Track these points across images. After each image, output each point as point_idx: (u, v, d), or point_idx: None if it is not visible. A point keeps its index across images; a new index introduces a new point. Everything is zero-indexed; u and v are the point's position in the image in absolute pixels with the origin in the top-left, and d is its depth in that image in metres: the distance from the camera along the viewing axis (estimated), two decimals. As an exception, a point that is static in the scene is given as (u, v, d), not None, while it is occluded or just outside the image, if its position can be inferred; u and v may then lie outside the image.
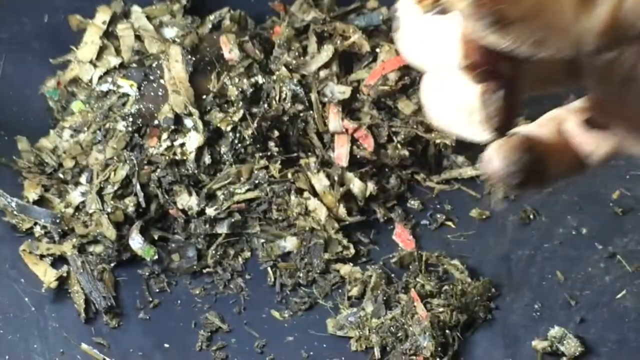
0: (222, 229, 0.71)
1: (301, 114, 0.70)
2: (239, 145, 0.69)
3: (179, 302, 0.70)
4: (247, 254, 0.72)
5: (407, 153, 0.72)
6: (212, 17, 0.76)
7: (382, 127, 0.72)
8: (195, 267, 0.71)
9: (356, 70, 0.73)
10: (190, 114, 0.68)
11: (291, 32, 0.72)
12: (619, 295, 0.68)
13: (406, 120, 0.72)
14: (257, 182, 0.70)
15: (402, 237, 0.72)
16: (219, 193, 0.70)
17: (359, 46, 0.73)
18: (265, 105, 0.69)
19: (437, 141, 0.72)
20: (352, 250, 0.71)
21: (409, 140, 0.72)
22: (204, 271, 0.71)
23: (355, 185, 0.72)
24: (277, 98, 0.69)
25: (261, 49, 0.71)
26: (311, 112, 0.70)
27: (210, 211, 0.70)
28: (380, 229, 0.73)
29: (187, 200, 0.70)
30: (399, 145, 0.72)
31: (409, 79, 0.71)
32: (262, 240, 0.72)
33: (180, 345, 0.67)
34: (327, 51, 0.72)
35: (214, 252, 0.70)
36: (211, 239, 0.71)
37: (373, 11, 0.77)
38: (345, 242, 0.71)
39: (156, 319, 0.69)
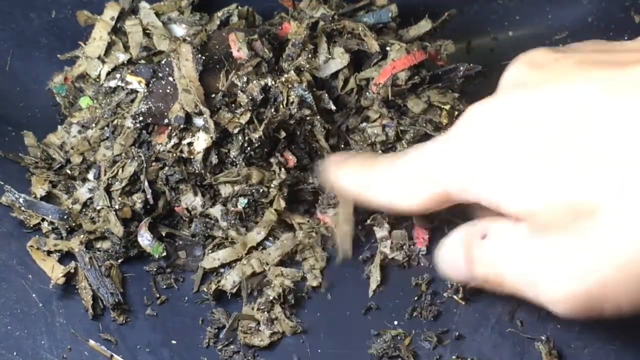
0: (219, 233, 0.71)
1: (308, 118, 0.70)
2: (249, 148, 0.68)
3: (186, 298, 0.70)
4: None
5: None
6: (219, 14, 0.76)
7: (390, 126, 0.72)
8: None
9: (365, 69, 0.73)
10: (200, 113, 0.68)
11: (307, 32, 0.71)
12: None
13: (415, 118, 0.72)
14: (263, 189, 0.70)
15: (418, 235, 0.71)
16: (222, 191, 0.70)
17: (369, 46, 0.72)
18: (272, 110, 0.68)
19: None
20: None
21: (418, 139, 0.72)
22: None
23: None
24: (284, 103, 0.68)
25: (270, 48, 0.71)
26: (318, 117, 0.70)
27: (214, 211, 0.70)
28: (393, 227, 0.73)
29: (192, 200, 0.70)
30: (406, 144, 0.72)
31: (419, 78, 0.71)
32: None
33: (187, 341, 0.67)
34: (343, 59, 0.72)
35: (210, 251, 0.70)
36: (213, 240, 0.71)
37: (382, 8, 0.77)
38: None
39: (163, 315, 0.69)
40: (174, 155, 0.69)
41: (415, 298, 0.69)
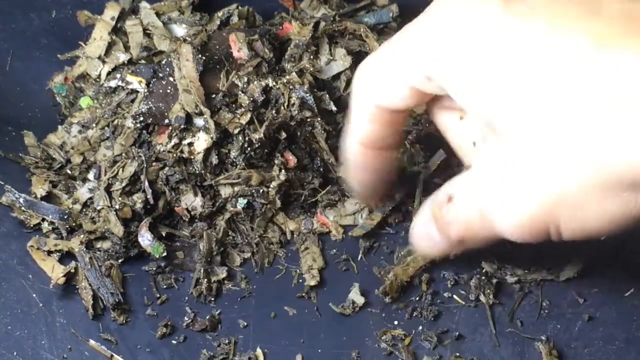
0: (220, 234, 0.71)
1: (308, 120, 0.70)
2: (249, 149, 0.68)
3: (186, 298, 0.70)
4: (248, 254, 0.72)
5: (419, 151, 0.72)
6: (220, 14, 0.76)
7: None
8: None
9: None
10: (201, 114, 0.68)
11: (310, 34, 0.71)
12: (627, 293, 0.68)
13: (418, 118, 0.72)
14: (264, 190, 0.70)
15: None
16: (222, 192, 0.70)
17: (371, 48, 0.72)
18: (273, 112, 0.68)
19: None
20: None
21: (421, 139, 0.72)
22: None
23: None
24: (285, 104, 0.68)
25: (270, 48, 0.71)
26: (319, 119, 0.70)
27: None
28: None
29: (192, 201, 0.70)
30: (408, 145, 0.72)
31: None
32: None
33: (187, 341, 0.67)
34: (345, 61, 0.72)
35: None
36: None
37: (383, 8, 0.77)
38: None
39: (163, 315, 0.69)
40: (174, 155, 0.69)
41: (416, 298, 0.69)
